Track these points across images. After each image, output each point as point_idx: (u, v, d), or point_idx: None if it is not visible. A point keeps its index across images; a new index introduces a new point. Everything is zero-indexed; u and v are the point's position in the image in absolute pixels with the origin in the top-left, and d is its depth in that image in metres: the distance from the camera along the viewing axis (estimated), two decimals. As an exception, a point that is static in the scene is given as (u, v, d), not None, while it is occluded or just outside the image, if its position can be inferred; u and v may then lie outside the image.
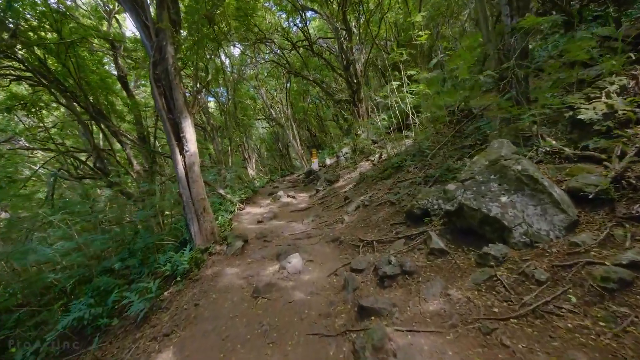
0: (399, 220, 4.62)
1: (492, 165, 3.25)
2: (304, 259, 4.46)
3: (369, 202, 5.92)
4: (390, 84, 8.15)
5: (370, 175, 7.60)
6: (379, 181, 6.96)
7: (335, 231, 5.48)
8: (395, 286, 3.17)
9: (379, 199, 5.84)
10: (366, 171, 8.43)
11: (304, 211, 7.90)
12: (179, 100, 5.10)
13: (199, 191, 5.22)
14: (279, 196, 9.59)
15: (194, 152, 5.23)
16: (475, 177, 3.32)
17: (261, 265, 4.64)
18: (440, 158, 5.73)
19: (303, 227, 6.30)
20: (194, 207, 5.18)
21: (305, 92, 21.94)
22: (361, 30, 14.52)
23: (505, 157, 3.16)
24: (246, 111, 21.05)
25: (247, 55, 16.06)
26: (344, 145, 14.26)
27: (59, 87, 7.97)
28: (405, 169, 6.29)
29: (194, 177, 5.20)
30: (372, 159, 9.26)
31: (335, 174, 9.86)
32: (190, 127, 5.21)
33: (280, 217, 7.53)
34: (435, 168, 5.42)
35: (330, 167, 12.54)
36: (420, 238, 3.78)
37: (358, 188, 7.48)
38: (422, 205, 4.17)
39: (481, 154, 3.52)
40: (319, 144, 23.68)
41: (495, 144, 3.44)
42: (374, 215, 5.30)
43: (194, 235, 5.20)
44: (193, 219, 5.19)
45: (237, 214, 8.37)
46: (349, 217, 5.80)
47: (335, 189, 8.69)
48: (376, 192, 6.36)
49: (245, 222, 7.45)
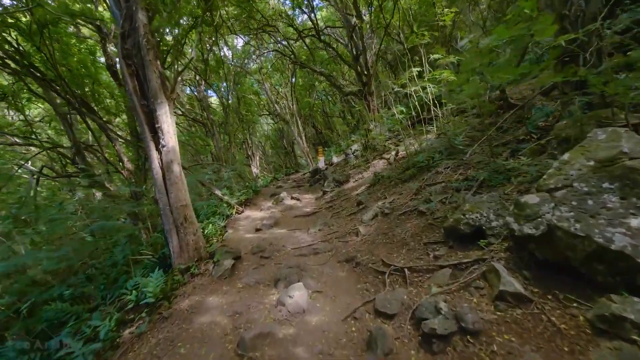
0: (436, 237, 3.45)
1: (604, 167, 2.06)
2: (310, 288, 3.33)
3: (390, 209, 4.75)
4: (409, 70, 6.94)
5: (387, 176, 6.41)
6: (398, 183, 5.78)
7: (349, 246, 4.33)
8: (452, 355, 2.01)
9: (403, 206, 4.67)
10: (381, 171, 7.25)
11: (309, 217, 6.76)
12: (153, 82, 3.98)
13: (180, 196, 4.11)
14: (282, 198, 8.47)
15: (173, 148, 4.11)
16: (574, 185, 2.14)
17: (254, 294, 3.52)
18: (480, 156, 4.52)
19: (309, 238, 5.16)
20: (172, 216, 4.08)
21: (311, 87, 20.75)
22: (372, 17, 13.28)
23: (630, 154, 1.97)
24: (250, 107, 19.98)
25: (250, 46, 14.91)
26: (352, 142, 13.08)
27: (33, 73, 6.94)
28: (433, 169, 5.10)
29: (173, 178, 4.09)
30: (386, 156, 8.07)
31: (345, 174, 8.69)
32: (168, 117, 4.09)
33: (283, 224, 6.40)
34: (476, 169, 4.22)
35: (338, 166, 11.37)
36: (476, 270, 2.61)
37: (373, 191, 6.30)
38: (473, 221, 2.99)
39: (576, 150, 2.32)
40: (325, 141, 22.52)
41: (601, 134, 2.24)
42: (398, 228, 4.13)
43: (173, 252, 4.10)
44: (172, 232, 4.09)
45: (234, 219, 7.27)
46: (365, 229, 4.65)
47: (345, 191, 7.53)
48: (397, 197, 5.18)
49: (242, 229, 6.34)
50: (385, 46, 14.03)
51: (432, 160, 5.32)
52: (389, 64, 17.83)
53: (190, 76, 14.51)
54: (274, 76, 20.02)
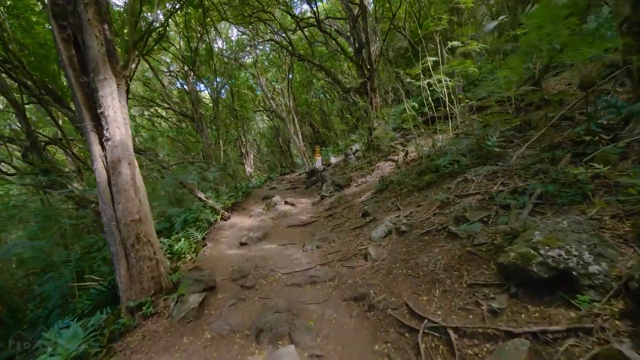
0: (484, 276, 2.40)
1: None
2: (306, 349, 2.26)
3: (407, 226, 3.69)
4: (424, 59, 5.89)
5: (398, 181, 5.37)
6: (413, 191, 4.73)
7: (357, 275, 3.27)
8: None
9: (425, 222, 3.61)
10: (388, 175, 6.21)
11: (305, 227, 5.68)
12: (94, 50, 2.85)
13: (130, 208, 3.00)
14: (275, 203, 7.37)
15: (122, 142, 3.00)
16: None
17: (226, 352, 2.44)
18: (523, 160, 3.49)
19: (305, 258, 4.08)
20: (119, 234, 2.96)
21: (309, 84, 19.63)
22: (377, 6, 12.24)
23: None
24: (244, 102, 18.78)
25: (245, 35, 13.73)
26: (352, 141, 12.01)
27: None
28: (459, 176, 4.05)
29: (121, 183, 2.97)
30: (394, 158, 7.02)
31: (345, 177, 7.63)
32: (116, 100, 2.97)
33: (273, 236, 5.31)
34: (523, 178, 3.19)
35: (337, 167, 10.30)
36: (577, 349, 1.57)
37: (381, 199, 5.24)
38: (554, 261, 1.94)
39: None
40: (322, 141, 21.44)
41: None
42: (422, 254, 3.08)
43: (120, 283, 2.99)
44: (119, 256, 2.98)
45: (218, 227, 6.17)
46: (376, 250, 3.59)
47: (346, 197, 6.46)
48: (415, 209, 4.13)
49: (225, 242, 5.24)
50: (388, 42, 12.98)
51: (457, 163, 4.28)
52: (390, 61, 16.77)
53: (178, 67, 13.31)
54: (270, 71, 18.87)
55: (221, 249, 4.82)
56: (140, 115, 16.81)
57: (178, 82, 15.73)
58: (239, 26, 12.86)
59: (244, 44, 14.85)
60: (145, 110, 17.26)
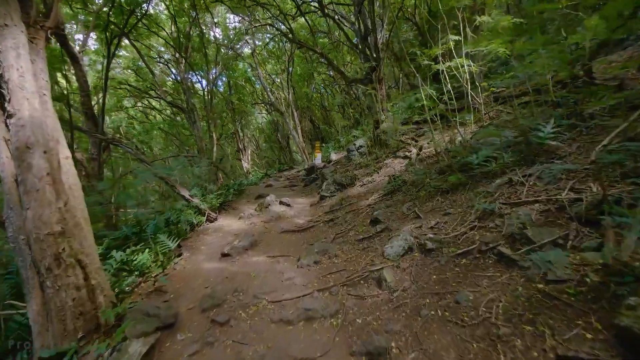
0: (583, 340, 1.46)
1: None
2: None
3: (435, 242, 2.75)
4: (446, 37, 4.93)
5: (414, 182, 4.43)
6: (434, 195, 3.78)
7: (369, 312, 2.34)
8: None
9: (460, 238, 2.67)
10: (400, 173, 5.26)
11: (302, 233, 4.74)
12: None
13: (46, 216, 2.05)
14: (269, 203, 6.42)
15: (34, 120, 2.04)
16: None
17: None
18: (581, 157, 2.54)
19: (299, 278, 3.15)
20: (30, 254, 2.02)
21: (309, 77, 18.58)
22: (384, -10, 11.20)
23: None
24: (243, 96, 17.76)
25: (241, 24, 12.69)
26: (354, 137, 11.04)
27: None
28: (501, 176, 3.11)
29: (31, 181, 2.02)
30: (406, 154, 6.06)
31: (348, 175, 6.68)
32: (24, 58, 2.01)
33: (263, 246, 4.37)
34: (608, 181, 2.24)
35: (338, 164, 9.34)
36: None
37: (393, 203, 4.30)
38: None
39: None
40: (322, 137, 20.45)
41: None
42: (463, 287, 2.15)
43: (32, 323, 2.05)
44: (30, 284, 2.04)
45: (201, 231, 5.23)
46: (394, 274, 2.65)
47: (350, 199, 5.51)
48: (441, 218, 3.18)
49: (204, 251, 4.30)
50: (395, 31, 11.95)
51: (494, 161, 3.33)
52: (395, 55, 15.72)
53: (170, 55, 12.28)
54: (270, 62, 17.84)
55: (197, 262, 3.88)
56: (132, 107, 15.79)
57: (173, 72, 14.70)
58: (235, 11, 11.81)
59: (241, 32, 13.80)
60: (139, 102, 16.24)
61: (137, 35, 10.47)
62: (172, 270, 3.52)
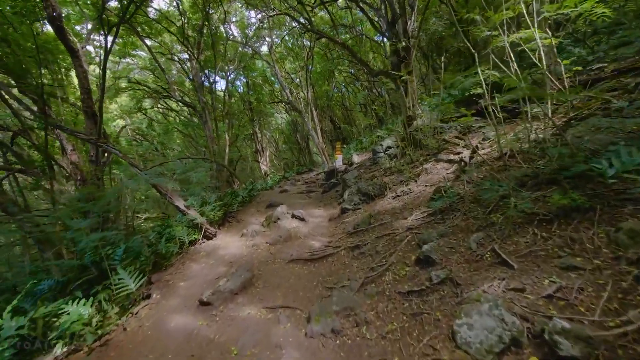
0: None
1: None
2: None
3: (580, 343, 1.32)
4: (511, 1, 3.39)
5: (480, 198, 2.96)
6: (527, 225, 2.30)
7: None
8: None
9: (629, 333, 1.23)
10: (450, 184, 3.77)
11: (316, 264, 3.42)
12: None
13: None
14: (278, 217, 5.18)
15: None
16: None
17: None
18: None
19: None
20: None
21: (330, 75, 17.25)
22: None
23: None
24: (262, 96, 16.78)
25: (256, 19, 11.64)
26: (378, 137, 9.56)
27: None
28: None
29: None
30: (455, 157, 4.53)
31: (376, 183, 5.27)
32: None
33: (260, 286, 3.08)
34: None
35: (362, 168, 7.93)
36: None
37: (449, 229, 2.85)
38: None
39: None
40: (343, 137, 19.06)
41: None
42: None
43: None
44: None
45: (190, 255, 4.08)
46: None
47: (381, 216, 4.11)
48: (565, 276, 1.73)
49: (180, 292, 3.09)
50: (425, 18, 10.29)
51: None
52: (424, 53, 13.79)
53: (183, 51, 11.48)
54: (288, 60, 16.74)
55: (164, 313, 2.67)
56: (151, 108, 15.33)
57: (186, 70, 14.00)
58: (250, 3, 10.77)
59: (258, 28, 12.77)
60: (158, 103, 15.79)
61: (148, 32, 9.73)
62: (119, 333, 2.34)
